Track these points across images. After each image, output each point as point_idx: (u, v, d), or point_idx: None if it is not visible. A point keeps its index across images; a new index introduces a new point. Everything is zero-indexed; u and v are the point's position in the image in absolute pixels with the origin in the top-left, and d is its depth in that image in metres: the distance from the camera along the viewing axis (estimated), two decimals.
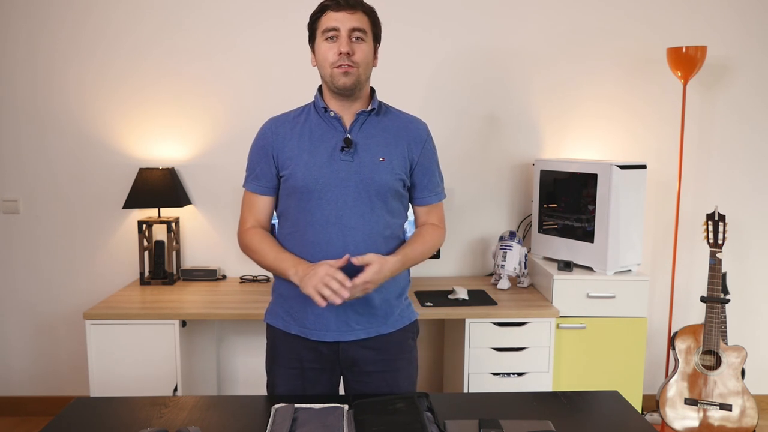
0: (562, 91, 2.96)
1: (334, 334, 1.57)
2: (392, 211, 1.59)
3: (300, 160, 1.54)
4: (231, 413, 1.43)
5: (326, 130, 1.57)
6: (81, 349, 3.01)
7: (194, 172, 2.95)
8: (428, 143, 1.64)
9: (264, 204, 1.63)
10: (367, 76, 1.56)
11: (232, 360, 3.04)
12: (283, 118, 1.64)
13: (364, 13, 1.53)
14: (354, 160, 1.53)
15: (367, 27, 1.54)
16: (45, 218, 2.95)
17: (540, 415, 1.42)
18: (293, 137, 1.57)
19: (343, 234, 1.52)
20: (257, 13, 2.86)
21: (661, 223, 3.05)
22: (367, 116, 1.58)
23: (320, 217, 1.53)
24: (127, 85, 2.89)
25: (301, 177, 1.53)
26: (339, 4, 1.50)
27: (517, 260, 2.70)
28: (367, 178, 1.53)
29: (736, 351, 2.57)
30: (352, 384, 1.63)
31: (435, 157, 1.67)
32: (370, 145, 1.55)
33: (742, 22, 2.93)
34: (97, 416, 1.41)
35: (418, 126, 1.64)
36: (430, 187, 1.65)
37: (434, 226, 1.67)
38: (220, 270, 2.95)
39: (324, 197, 1.53)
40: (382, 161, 1.54)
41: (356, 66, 1.51)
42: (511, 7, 2.89)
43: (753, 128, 3.01)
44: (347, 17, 1.50)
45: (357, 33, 1.51)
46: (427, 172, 1.63)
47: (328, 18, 1.51)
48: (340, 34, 1.50)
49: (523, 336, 2.44)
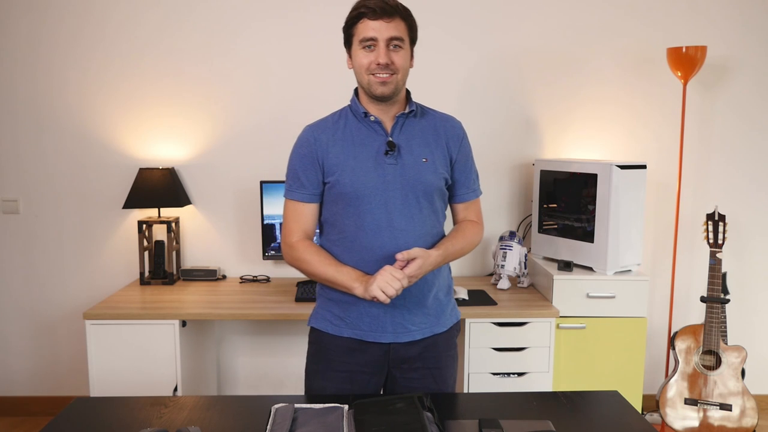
0: (562, 91, 2.96)
1: (390, 336, 1.59)
2: (437, 211, 1.62)
3: (346, 166, 1.54)
4: (231, 413, 1.43)
5: (367, 134, 1.57)
6: (81, 349, 3.01)
7: (194, 172, 2.95)
8: (465, 141, 1.66)
9: (311, 212, 1.62)
10: (404, 81, 1.57)
11: (232, 360, 3.04)
12: (322, 124, 1.62)
13: (401, 19, 1.51)
14: (398, 163, 1.54)
15: (405, 33, 1.52)
16: (45, 218, 2.95)
17: (540, 415, 1.42)
18: (336, 143, 1.56)
19: (394, 237, 1.54)
20: (257, 13, 2.86)
21: (661, 223, 3.05)
22: (406, 118, 1.59)
23: (371, 221, 1.54)
24: (127, 85, 2.89)
25: (348, 183, 1.53)
26: (376, 11, 1.47)
27: (517, 260, 2.70)
28: (413, 180, 1.54)
29: (736, 351, 2.57)
30: (400, 381, 1.63)
31: (471, 155, 1.69)
32: (412, 146, 1.57)
33: (742, 22, 2.93)
34: (97, 416, 1.41)
35: (455, 124, 1.66)
36: (467, 184, 1.67)
37: (473, 223, 1.69)
38: (220, 270, 2.95)
39: (373, 201, 1.53)
40: (426, 162, 1.56)
41: (395, 74, 1.51)
42: (511, 8, 2.89)
43: (753, 128, 3.01)
44: (385, 26, 1.48)
45: (395, 41, 1.50)
46: (465, 169, 1.65)
47: (365, 26, 1.49)
48: (377, 43, 1.49)
49: (523, 336, 2.44)
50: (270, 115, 2.92)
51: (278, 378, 3.05)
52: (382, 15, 1.47)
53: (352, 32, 1.53)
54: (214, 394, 2.54)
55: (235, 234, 2.97)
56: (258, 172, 2.93)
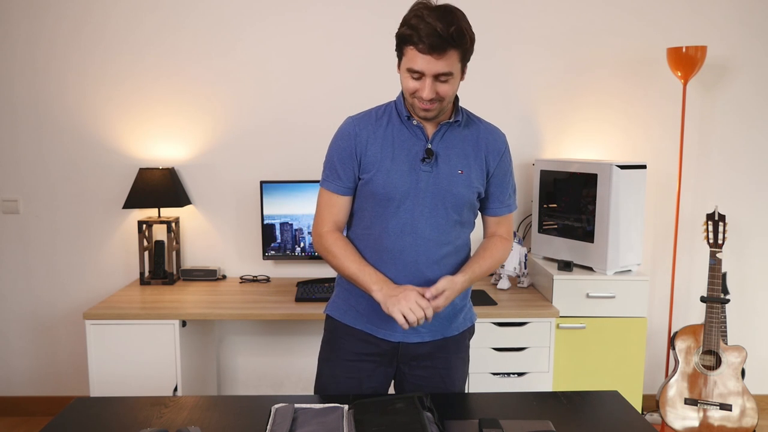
0: (562, 91, 2.96)
1: (400, 335, 1.60)
2: (464, 222, 1.60)
3: (382, 166, 1.53)
4: (231, 413, 1.43)
5: (408, 137, 1.54)
6: (81, 349, 3.01)
7: (194, 172, 2.95)
8: (505, 155, 1.62)
9: (345, 204, 1.60)
10: (451, 102, 1.52)
11: (232, 360, 3.04)
12: (365, 119, 1.58)
13: (454, 49, 1.39)
14: (433, 171, 1.52)
15: (457, 63, 1.42)
16: (45, 218, 2.95)
17: (540, 415, 1.42)
18: (376, 141, 1.54)
19: (416, 243, 1.53)
20: (257, 12, 2.86)
21: (661, 223, 3.05)
22: (449, 126, 1.56)
23: (396, 225, 1.54)
24: (127, 85, 2.89)
25: (381, 184, 1.52)
26: (425, 45, 1.36)
27: (517, 260, 2.70)
28: (445, 191, 1.53)
29: (736, 351, 2.57)
30: (408, 378, 1.64)
31: (510, 169, 1.64)
32: (450, 156, 1.54)
33: (742, 22, 2.93)
34: (97, 416, 1.41)
35: (498, 137, 1.61)
36: (501, 199, 1.63)
37: (502, 239, 1.66)
38: (220, 270, 2.95)
39: (402, 206, 1.53)
40: (461, 174, 1.54)
41: (439, 102, 1.46)
42: (510, 7, 2.89)
43: (753, 128, 3.01)
44: (434, 62, 1.39)
45: (443, 77, 1.42)
46: (501, 183, 1.62)
47: (413, 56, 1.40)
48: (424, 78, 1.42)
49: (523, 336, 2.44)
50: (270, 115, 2.92)
51: (278, 378, 3.05)
52: (431, 51, 1.37)
53: (401, 50, 1.45)
54: (214, 394, 2.54)
55: (235, 234, 2.97)
56: (258, 172, 2.93)
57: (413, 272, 1.54)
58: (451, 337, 1.65)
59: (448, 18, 1.36)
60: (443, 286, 1.46)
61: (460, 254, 1.62)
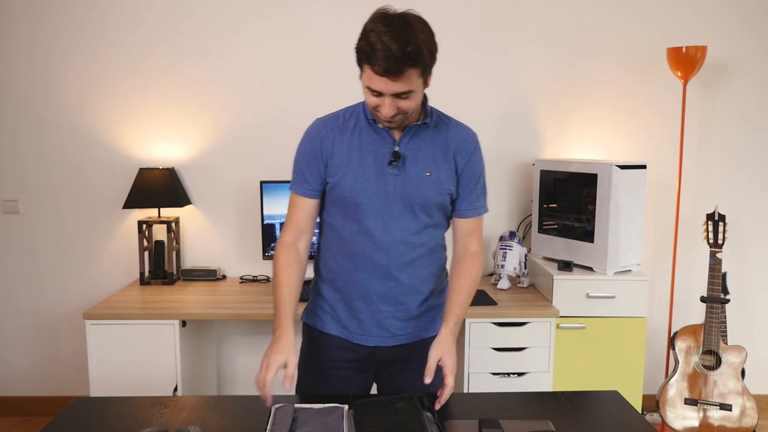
0: (562, 90, 2.96)
1: (375, 340, 1.58)
2: (437, 224, 1.57)
3: (348, 170, 1.50)
4: (231, 413, 1.43)
5: (375, 139, 1.51)
6: (81, 349, 3.01)
7: (194, 172, 2.95)
8: (475, 155, 1.57)
9: (310, 208, 1.57)
10: (414, 112, 1.47)
11: (232, 360, 3.04)
12: (332, 121, 1.55)
13: (412, 68, 1.33)
14: (401, 174, 1.50)
15: (415, 81, 1.37)
16: (45, 218, 2.95)
17: (540, 415, 1.42)
18: (343, 144, 1.51)
19: (387, 247, 1.52)
20: (257, 12, 2.86)
21: (661, 223, 3.05)
22: (417, 128, 1.52)
23: (365, 229, 1.51)
24: (127, 85, 2.89)
25: (348, 188, 1.50)
26: (381, 68, 1.32)
27: (517, 260, 2.70)
28: (413, 194, 1.50)
29: (736, 351, 2.57)
30: (387, 381, 1.63)
31: (480, 170, 1.59)
32: (418, 158, 1.51)
33: (742, 22, 2.93)
34: (97, 416, 1.41)
35: (466, 137, 1.57)
36: (469, 200, 1.58)
37: (473, 258, 1.60)
38: (220, 270, 2.95)
39: (370, 210, 1.51)
40: (429, 176, 1.51)
41: (402, 115, 1.43)
42: (510, 7, 2.89)
43: (753, 128, 3.01)
44: (391, 83, 1.35)
45: (403, 95, 1.38)
46: (469, 184, 1.57)
47: (371, 77, 1.36)
48: (383, 96, 1.38)
49: (523, 336, 2.44)
50: (270, 115, 2.92)
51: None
52: (387, 74, 1.33)
53: (360, 65, 1.39)
54: (214, 394, 2.54)
55: (235, 234, 2.97)
56: (258, 172, 2.93)
57: (385, 276, 1.53)
58: (429, 338, 1.61)
59: (405, 35, 1.30)
60: (435, 357, 1.43)
61: (433, 256, 1.59)
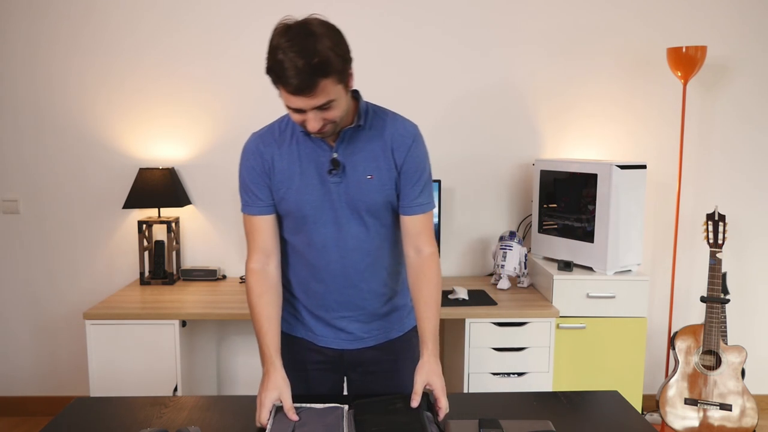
0: (562, 90, 2.96)
1: (342, 343, 1.58)
2: (387, 224, 1.53)
3: (292, 184, 1.46)
4: (231, 413, 1.43)
5: (313, 149, 1.46)
6: (81, 349, 3.01)
7: (194, 172, 2.95)
8: (414, 149, 1.49)
9: (269, 225, 1.52)
10: (344, 117, 1.40)
11: (232, 360, 3.04)
12: (268, 134, 1.50)
13: (326, 78, 1.27)
14: (343, 181, 1.45)
15: (333, 89, 1.30)
16: (45, 218, 2.95)
17: (540, 415, 1.42)
18: (282, 157, 1.47)
19: (341, 255, 1.50)
20: (256, 11, 2.86)
21: (661, 223, 3.05)
22: (352, 132, 1.46)
23: (317, 240, 1.49)
24: (127, 85, 2.89)
25: (294, 201, 1.47)
26: (294, 88, 1.28)
27: (517, 260, 2.70)
28: (357, 199, 1.46)
29: (736, 351, 2.57)
30: (357, 383, 1.62)
31: (422, 164, 1.51)
32: (357, 162, 1.46)
33: (742, 22, 2.93)
34: (97, 416, 1.41)
35: (404, 132, 1.49)
36: (412, 196, 1.50)
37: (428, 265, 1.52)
38: (220, 270, 2.95)
39: (319, 220, 1.47)
40: (371, 179, 1.46)
41: (331, 124, 1.37)
42: (511, 6, 2.89)
43: (753, 128, 3.01)
44: (307, 100, 1.29)
45: (325, 105, 1.31)
46: (410, 180, 1.50)
47: (287, 96, 1.31)
48: (305, 113, 1.33)
49: (523, 336, 2.44)
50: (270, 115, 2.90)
51: None
52: (300, 93, 1.28)
53: (275, 86, 1.33)
54: (214, 394, 2.54)
55: (235, 234, 2.97)
56: None
57: (343, 284, 1.52)
58: (396, 338, 1.60)
59: (309, 47, 1.24)
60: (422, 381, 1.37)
61: (389, 256, 1.56)
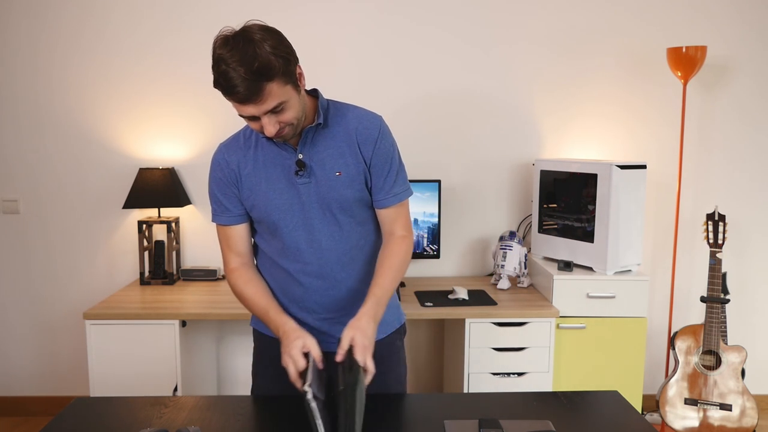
0: (562, 90, 2.96)
1: (323, 345, 1.54)
2: (362, 221, 1.53)
3: (259, 191, 1.46)
4: (231, 413, 1.43)
5: (277, 152, 1.46)
6: (81, 349, 3.01)
7: (194, 172, 2.95)
8: (381, 141, 1.48)
9: (241, 234, 1.54)
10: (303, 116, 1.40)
11: (232, 360, 3.04)
12: (233, 144, 1.51)
13: (272, 83, 1.26)
14: (311, 181, 1.45)
15: (282, 91, 1.29)
16: (45, 218, 2.95)
17: (540, 415, 1.42)
18: (247, 165, 1.47)
19: (317, 257, 1.49)
20: (256, 11, 2.86)
21: (661, 223, 3.05)
22: (315, 130, 1.45)
23: (291, 243, 1.48)
24: (127, 85, 2.89)
25: (263, 208, 1.47)
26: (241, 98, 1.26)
27: (517, 260, 2.70)
28: (328, 198, 1.46)
29: (736, 351, 2.57)
30: None
31: (391, 155, 1.50)
32: (324, 159, 1.45)
33: (742, 22, 2.93)
34: (97, 416, 1.41)
35: (368, 125, 1.48)
36: (386, 188, 1.51)
37: (398, 241, 1.54)
38: (220, 270, 2.95)
39: (290, 224, 1.47)
40: (339, 176, 1.45)
41: (290, 126, 1.36)
42: (511, 6, 2.89)
43: (753, 128, 3.01)
44: (257, 106, 1.28)
45: (277, 108, 1.30)
46: (382, 172, 1.49)
47: (238, 106, 1.30)
48: (259, 119, 1.32)
49: (523, 336, 2.44)
50: None
51: None
52: (248, 101, 1.27)
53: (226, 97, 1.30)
54: (214, 394, 2.54)
55: None
56: None
57: (322, 286, 1.51)
58: (379, 341, 1.57)
59: (249, 53, 1.23)
60: (348, 336, 1.35)
61: (367, 254, 1.55)
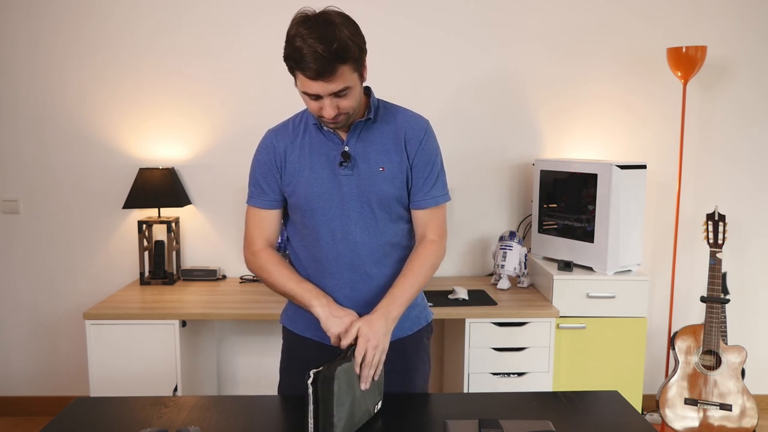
0: (562, 90, 2.96)
1: None
2: (397, 219, 1.55)
3: (302, 177, 1.50)
4: (231, 413, 1.43)
5: (324, 142, 1.50)
6: (81, 349, 3.01)
7: (194, 172, 2.95)
8: (426, 142, 1.53)
9: (273, 219, 1.57)
10: (358, 107, 1.45)
11: (232, 360, 3.04)
12: (282, 130, 1.56)
13: (344, 64, 1.32)
14: (354, 173, 1.48)
15: (350, 77, 1.35)
16: (45, 218, 2.95)
17: (540, 415, 1.42)
18: (294, 151, 1.52)
19: (350, 249, 1.51)
20: (256, 11, 2.86)
21: (661, 223, 3.05)
22: (364, 124, 1.50)
23: (326, 233, 1.50)
24: (127, 85, 2.89)
25: (303, 194, 1.49)
26: (313, 72, 1.31)
27: (517, 260, 2.70)
28: (369, 191, 1.48)
29: (736, 351, 2.57)
30: None
31: (433, 157, 1.55)
32: (369, 154, 1.49)
33: (742, 22, 2.93)
34: (97, 416, 1.41)
35: (415, 126, 1.53)
36: (424, 190, 1.54)
37: (425, 247, 1.55)
38: (220, 270, 2.95)
39: (328, 213, 1.49)
40: (383, 171, 1.49)
41: (345, 115, 1.41)
42: (511, 6, 2.89)
43: (753, 128, 3.01)
44: (326, 85, 1.33)
45: (341, 92, 1.36)
46: (423, 173, 1.53)
47: (305, 82, 1.34)
48: (322, 99, 1.37)
49: (523, 336, 2.44)
50: (270, 114, 2.91)
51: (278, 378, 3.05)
52: (319, 77, 1.31)
53: (293, 72, 1.37)
54: (214, 394, 2.54)
55: (235, 234, 2.97)
56: None
57: (353, 279, 1.52)
58: (407, 337, 1.60)
59: (329, 34, 1.28)
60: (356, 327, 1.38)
61: (400, 252, 1.57)
